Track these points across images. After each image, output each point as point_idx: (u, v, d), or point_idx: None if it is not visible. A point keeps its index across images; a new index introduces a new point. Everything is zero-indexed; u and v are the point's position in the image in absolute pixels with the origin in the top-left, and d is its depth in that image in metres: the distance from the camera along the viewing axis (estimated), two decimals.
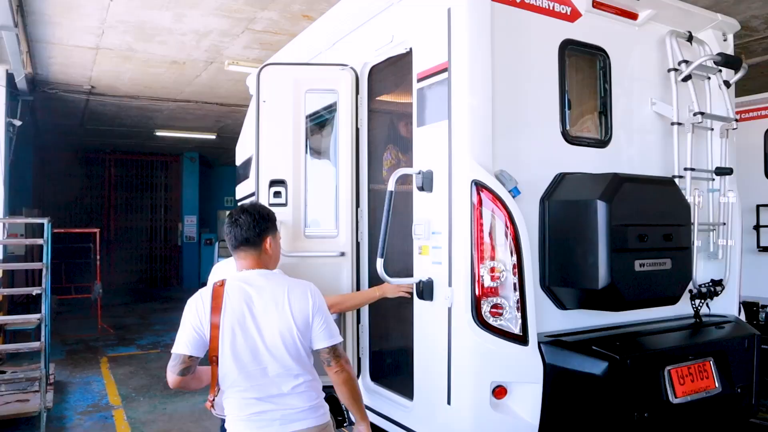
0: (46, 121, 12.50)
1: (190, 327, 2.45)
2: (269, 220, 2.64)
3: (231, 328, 2.42)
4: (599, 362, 2.88)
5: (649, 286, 3.13)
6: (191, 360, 2.44)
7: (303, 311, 2.46)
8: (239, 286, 2.50)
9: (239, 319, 2.43)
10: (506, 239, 2.91)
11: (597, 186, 3.07)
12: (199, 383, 2.57)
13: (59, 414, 6.04)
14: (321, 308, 2.52)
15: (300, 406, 2.46)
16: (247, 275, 2.56)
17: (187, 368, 2.44)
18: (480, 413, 2.89)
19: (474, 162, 2.95)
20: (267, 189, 3.84)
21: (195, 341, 2.43)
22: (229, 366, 2.42)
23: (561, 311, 3.27)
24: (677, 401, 3.07)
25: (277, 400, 2.44)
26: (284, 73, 3.98)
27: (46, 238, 6.12)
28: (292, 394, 2.45)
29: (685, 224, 3.35)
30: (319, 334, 2.50)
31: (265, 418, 2.43)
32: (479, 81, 3.03)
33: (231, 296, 2.46)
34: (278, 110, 3.89)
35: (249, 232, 2.55)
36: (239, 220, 2.57)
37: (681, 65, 3.77)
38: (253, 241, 2.57)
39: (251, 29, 6.99)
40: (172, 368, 2.45)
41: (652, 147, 3.81)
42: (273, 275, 2.58)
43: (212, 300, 2.46)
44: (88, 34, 7.15)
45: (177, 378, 2.45)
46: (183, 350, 2.43)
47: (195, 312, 2.46)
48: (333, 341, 2.52)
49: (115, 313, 12.45)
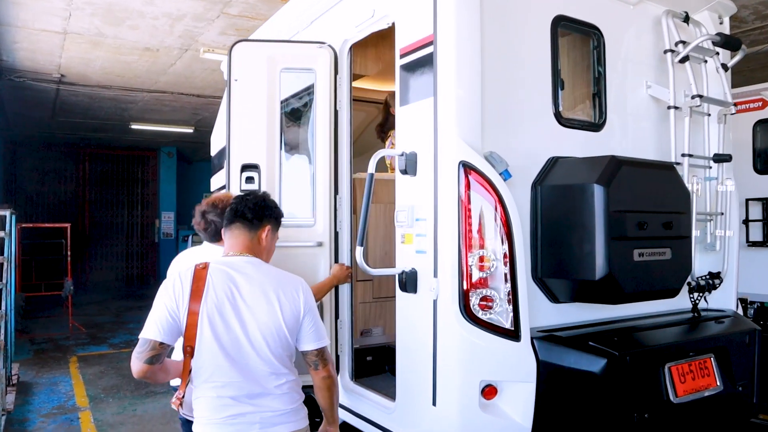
0: (16, 113, 12.06)
1: (164, 310, 2.19)
2: (275, 212, 2.53)
3: (210, 317, 2.18)
4: (597, 359, 2.66)
5: (649, 277, 2.92)
6: (162, 347, 2.19)
7: (294, 308, 2.29)
8: (225, 272, 2.27)
9: (221, 308, 2.20)
10: (496, 225, 2.68)
11: (593, 169, 2.85)
12: (165, 376, 2.31)
13: (21, 416, 5.71)
14: (312, 308, 2.36)
15: (281, 408, 2.25)
16: (235, 261, 2.34)
17: (156, 356, 2.18)
18: (468, 415, 2.65)
19: (461, 142, 2.71)
20: (239, 174, 3.58)
21: (168, 326, 2.18)
22: (205, 358, 2.19)
23: (554, 305, 3.05)
24: (678, 401, 2.87)
25: (257, 402, 2.21)
26: (258, 49, 3.72)
27: (8, 231, 5.79)
28: (273, 395, 2.24)
29: (686, 212, 3.16)
30: (308, 335, 2.34)
31: (242, 422, 2.19)
32: (467, 55, 2.80)
33: (215, 281, 2.23)
34: (251, 90, 3.63)
35: (251, 211, 2.41)
36: (247, 198, 2.47)
37: (678, 46, 3.58)
38: (251, 220, 2.41)
39: (226, 13, 6.69)
40: (138, 355, 2.18)
41: (647, 131, 3.62)
42: (263, 265, 2.39)
43: (193, 283, 2.22)
44: (54, 16, 6.79)
45: (143, 366, 2.17)
46: (153, 335, 2.17)
47: (172, 294, 2.21)
48: (322, 343, 2.38)
49: (89, 311, 12.05)
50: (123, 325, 10.60)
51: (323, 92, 3.71)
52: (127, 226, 18.01)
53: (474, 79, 2.80)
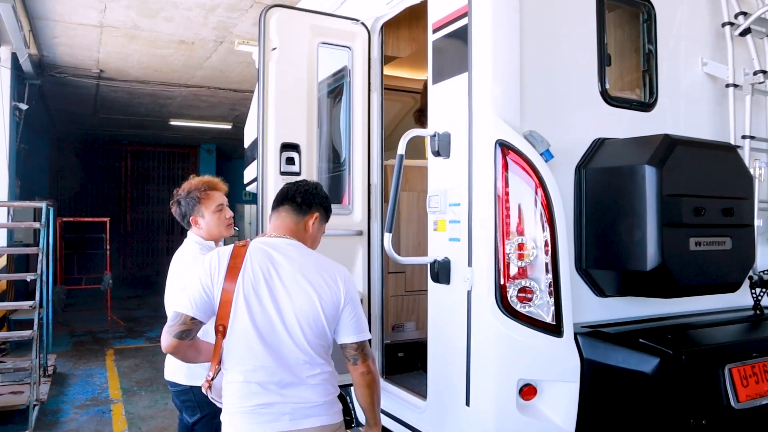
0: (60, 110, 12.28)
1: (198, 285, 2.09)
2: (325, 201, 2.41)
3: (246, 296, 2.06)
4: (648, 358, 2.39)
5: (707, 269, 2.63)
6: (193, 323, 2.08)
7: (334, 297, 2.16)
8: (264, 251, 2.15)
9: (257, 287, 2.07)
10: (537, 210, 2.45)
11: (644, 149, 2.59)
12: (196, 355, 2.20)
13: (55, 407, 5.72)
14: (354, 298, 2.22)
15: (314, 400, 2.10)
16: (276, 241, 2.21)
17: (186, 331, 2.07)
18: (504, 416, 2.43)
19: (498, 119, 2.49)
20: (278, 154, 3.31)
21: (202, 302, 2.08)
22: (238, 339, 2.06)
23: (599, 299, 2.79)
24: (740, 406, 2.57)
25: (287, 391, 2.07)
26: (297, 18, 3.43)
27: (44, 222, 5.80)
28: (306, 385, 2.10)
29: (748, 198, 2.86)
30: (348, 327, 2.20)
31: (271, 412, 2.05)
32: (504, 26, 2.57)
33: (253, 259, 2.11)
34: (291, 61, 3.36)
35: (301, 195, 2.31)
36: (300, 183, 2.38)
37: (738, 18, 3.28)
38: (300, 204, 2.30)
39: (260, 2, 6.59)
40: (168, 328, 2.08)
41: (702, 112, 3.32)
42: (305, 249, 2.27)
43: (230, 259, 2.10)
44: (89, 9, 6.82)
45: (173, 341, 2.07)
46: (185, 309, 2.07)
47: (208, 269, 2.10)
48: (362, 337, 2.22)
49: (128, 305, 12.20)
50: (160, 320, 10.52)
51: (360, 73, 3.52)
52: (168, 222, 18.24)
53: (512, 52, 2.57)
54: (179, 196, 3.01)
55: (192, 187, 3.00)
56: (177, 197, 3.03)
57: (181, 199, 2.99)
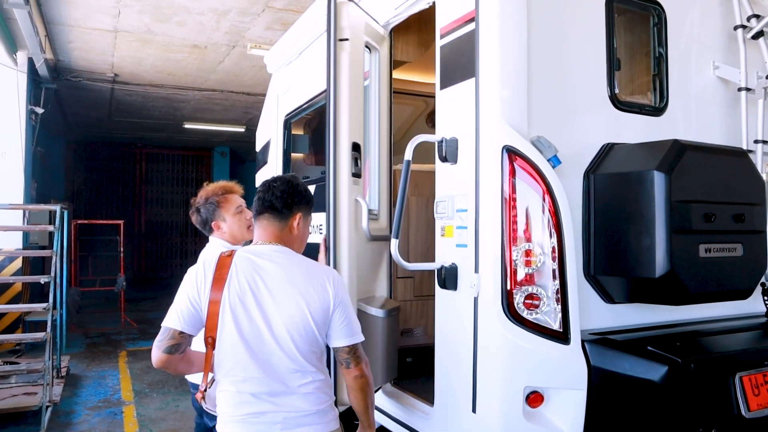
0: (75, 113, 12.43)
1: (185, 299, 2.08)
2: (305, 197, 2.31)
3: (233, 307, 2.04)
4: (657, 366, 2.37)
5: (717, 275, 2.60)
6: (182, 337, 2.06)
7: (323, 301, 2.12)
8: (250, 260, 2.12)
9: (244, 298, 2.06)
10: (544, 217, 2.43)
11: (653, 155, 2.57)
12: (188, 367, 2.18)
13: (68, 408, 5.78)
14: (344, 301, 2.18)
15: (306, 408, 2.08)
16: (262, 249, 2.19)
17: (175, 345, 2.05)
18: (510, 424, 2.41)
19: (505, 124, 2.48)
20: (348, 154, 3.19)
21: (189, 316, 2.06)
22: (226, 351, 2.05)
23: (608, 305, 2.77)
24: (751, 416, 2.54)
25: (279, 400, 2.05)
26: (359, 14, 3.37)
27: (57, 225, 5.86)
28: (298, 394, 2.07)
29: (760, 203, 2.81)
30: (339, 330, 2.17)
31: (263, 421, 2.03)
32: (512, 31, 2.56)
33: (239, 269, 2.09)
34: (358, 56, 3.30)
35: (279, 200, 2.23)
36: (273, 186, 2.26)
37: (750, 21, 3.25)
38: (280, 210, 2.23)
39: (271, 7, 6.63)
40: (158, 343, 2.07)
41: (714, 117, 3.29)
42: (292, 254, 2.22)
43: (216, 270, 2.08)
44: (104, 14, 6.90)
45: (162, 356, 2.06)
46: (173, 324, 2.05)
47: (194, 282, 2.09)
48: (354, 340, 2.19)
49: (142, 307, 12.30)
50: None
51: (386, 77, 3.52)
52: (182, 224, 18.38)
53: (519, 57, 2.56)
54: (197, 204, 3.01)
55: (209, 194, 3.00)
56: (195, 205, 3.02)
57: (200, 207, 2.98)
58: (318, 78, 4.48)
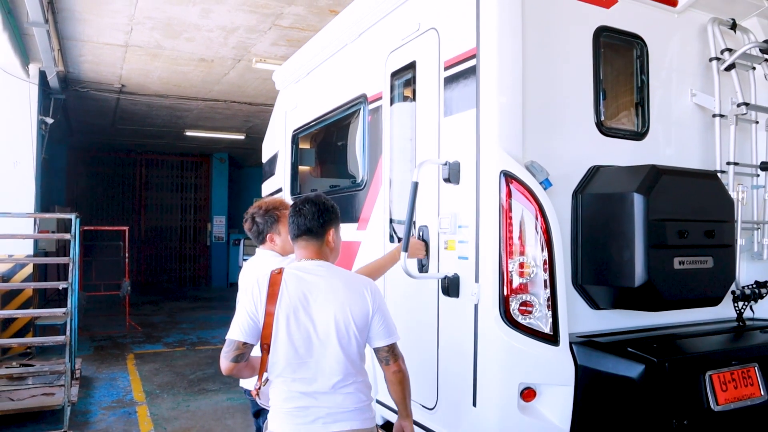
0: (79, 121, 12.68)
1: (245, 313, 2.39)
2: (333, 212, 2.55)
3: (286, 317, 2.34)
4: (635, 365, 2.70)
5: (689, 285, 2.94)
6: (245, 347, 2.38)
7: (363, 308, 2.38)
8: (297, 275, 2.42)
9: (294, 309, 2.35)
10: (537, 233, 2.76)
11: (634, 178, 2.90)
12: (252, 371, 2.50)
13: (84, 408, 6.04)
14: (381, 306, 2.43)
15: (346, 406, 2.35)
16: (306, 265, 2.47)
17: (240, 355, 2.39)
18: (507, 416, 2.74)
19: (503, 152, 2.81)
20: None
21: (249, 328, 2.37)
22: (279, 355, 2.35)
23: (594, 311, 3.11)
24: (719, 409, 2.87)
25: (323, 398, 2.34)
26: None
27: (74, 233, 6.13)
28: (339, 393, 2.35)
29: (729, 220, 3.16)
30: (379, 332, 2.42)
31: (308, 414, 2.33)
32: (509, 68, 2.89)
33: (288, 285, 2.39)
34: None
35: (312, 222, 2.47)
36: (303, 210, 2.49)
37: (724, 54, 3.59)
38: (316, 231, 2.48)
39: (278, 25, 6.94)
40: (225, 354, 2.39)
41: (691, 140, 3.63)
42: (332, 268, 2.50)
43: (269, 287, 2.39)
44: (117, 31, 7.19)
45: (230, 365, 2.39)
46: (237, 336, 2.37)
47: (251, 298, 2.40)
48: (392, 339, 2.44)
49: (144, 311, 12.54)
50: (176, 325, 11.00)
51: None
52: (181, 229, 18.63)
53: (516, 91, 2.89)
54: (255, 214, 3.15)
55: (270, 206, 3.16)
56: (252, 214, 3.17)
57: (258, 217, 3.14)
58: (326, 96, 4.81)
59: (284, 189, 5.62)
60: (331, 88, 4.77)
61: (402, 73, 3.70)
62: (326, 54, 4.83)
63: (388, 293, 3.72)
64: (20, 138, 8.36)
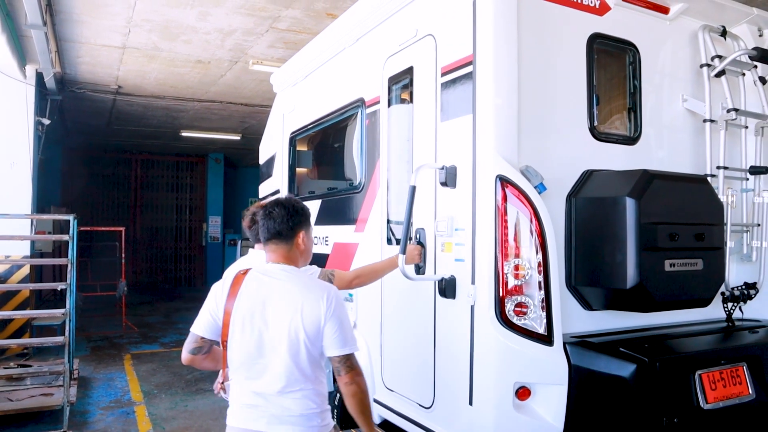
0: (75, 121, 12.69)
1: (206, 310, 2.50)
2: (303, 214, 2.56)
3: (242, 317, 2.40)
4: (627, 364, 2.78)
5: (680, 286, 3.02)
6: (203, 341, 2.50)
7: (315, 317, 2.35)
8: (259, 278, 2.46)
9: (251, 311, 2.40)
10: (531, 236, 2.83)
11: (626, 182, 2.98)
12: (214, 364, 2.60)
13: (82, 408, 6.08)
14: (336, 314, 2.38)
15: (292, 410, 2.36)
16: (271, 269, 2.50)
17: (198, 348, 2.51)
18: (502, 414, 2.81)
19: (499, 157, 2.88)
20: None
21: (209, 324, 2.48)
22: (234, 353, 2.42)
23: (587, 312, 3.18)
24: (708, 407, 2.96)
25: (271, 398, 2.36)
26: None
27: (72, 235, 6.17)
28: (286, 397, 2.36)
29: (718, 224, 3.24)
30: (332, 342, 2.37)
31: (254, 412, 2.38)
32: (504, 74, 2.96)
33: (248, 286, 2.44)
34: None
35: (282, 225, 2.48)
36: (273, 213, 2.50)
37: (714, 60, 3.66)
38: (286, 234, 2.49)
39: (275, 28, 7.00)
40: (186, 345, 2.53)
41: (683, 145, 3.70)
42: (295, 272, 2.50)
43: (231, 287, 2.46)
44: (114, 33, 7.23)
45: (188, 356, 2.54)
46: (196, 330, 2.50)
47: (214, 296, 2.49)
48: (345, 350, 2.38)
49: (140, 311, 12.57)
50: (173, 326, 11.04)
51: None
52: (176, 230, 18.64)
53: (511, 97, 2.96)
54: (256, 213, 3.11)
55: None
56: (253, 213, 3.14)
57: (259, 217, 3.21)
58: (324, 100, 4.87)
59: (281, 191, 5.68)
60: (329, 91, 4.83)
61: (399, 77, 3.76)
62: (324, 58, 4.89)
63: (386, 293, 3.79)
64: (17, 139, 8.38)
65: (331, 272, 3.33)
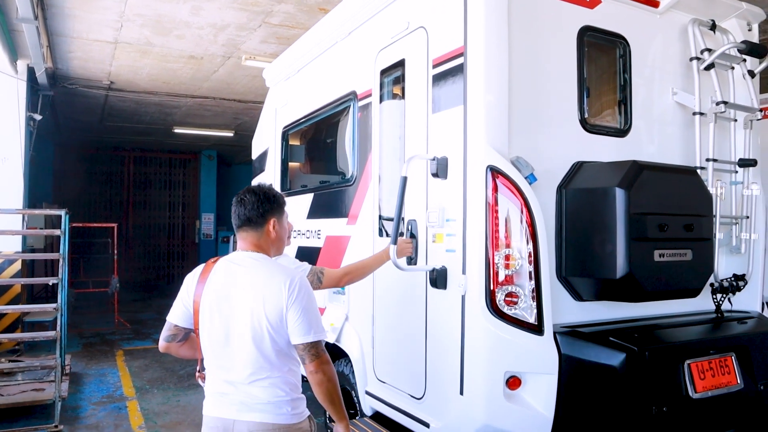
0: (67, 117, 12.62)
1: (179, 298, 2.52)
2: (275, 201, 2.52)
3: (209, 305, 2.40)
4: (616, 353, 2.80)
5: (669, 277, 3.04)
6: (177, 329, 2.53)
7: (277, 304, 2.31)
8: (227, 266, 2.45)
9: (218, 298, 2.40)
10: (522, 226, 2.85)
11: (616, 173, 3.00)
12: (192, 352, 2.61)
13: (74, 404, 6.07)
14: (299, 301, 2.32)
15: (261, 398, 2.34)
16: (238, 256, 2.47)
17: (173, 335, 2.54)
18: (493, 404, 2.83)
19: (489, 147, 2.89)
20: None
21: (182, 312, 2.50)
22: (204, 341, 2.43)
23: (578, 302, 3.20)
24: (697, 396, 2.98)
25: (240, 386, 2.35)
26: None
27: (64, 230, 6.15)
28: (254, 385, 2.34)
29: (707, 215, 3.26)
30: (295, 329, 2.32)
31: (224, 400, 2.39)
32: (495, 66, 2.97)
33: (216, 274, 2.44)
34: None
35: (252, 211, 2.46)
36: (244, 199, 2.48)
37: (703, 54, 3.68)
38: (256, 221, 2.47)
39: (268, 23, 6.98)
40: (162, 333, 2.56)
41: (672, 137, 3.73)
42: (262, 259, 2.45)
43: (200, 275, 2.48)
44: (107, 27, 7.19)
45: (163, 343, 2.58)
46: (171, 318, 2.53)
47: (185, 285, 2.51)
48: (309, 338, 2.32)
49: (132, 308, 12.53)
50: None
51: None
52: (169, 226, 18.59)
53: (502, 88, 2.97)
54: None
55: None
56: None
57: None
58: (317, 93, 4.87)
59: (274, 185, 5.67)
60: (321, 85, 4.83)
61: (391, 70, 3.77)
62: (316, 51, 4.89)
63: (378, 285, 3.80)
64: (8, 134, 8.33)
65: (320, 270, 3.34)
